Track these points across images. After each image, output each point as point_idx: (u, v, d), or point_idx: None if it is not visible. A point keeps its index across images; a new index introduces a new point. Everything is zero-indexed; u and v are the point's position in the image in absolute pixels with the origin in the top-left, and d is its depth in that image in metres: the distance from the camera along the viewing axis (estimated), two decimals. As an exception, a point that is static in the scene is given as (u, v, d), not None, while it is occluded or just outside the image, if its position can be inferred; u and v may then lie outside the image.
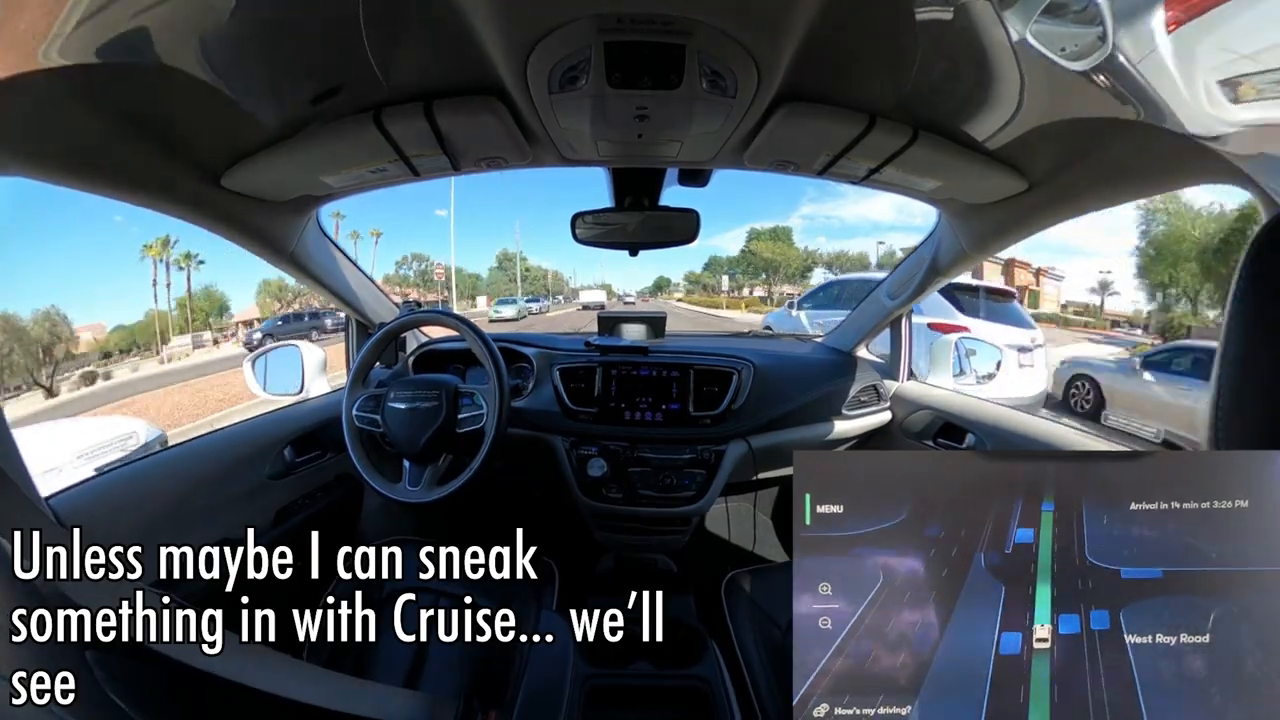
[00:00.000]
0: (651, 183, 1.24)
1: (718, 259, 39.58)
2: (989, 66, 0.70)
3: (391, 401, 1.24)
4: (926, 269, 1.40)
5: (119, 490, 0.97)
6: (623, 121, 0.89)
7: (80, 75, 0.62)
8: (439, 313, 1.40)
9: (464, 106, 0.87)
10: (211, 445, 1.22)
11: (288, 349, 1.61)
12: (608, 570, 1.69)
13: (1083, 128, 0.77)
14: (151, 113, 0.76)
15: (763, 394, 1.51)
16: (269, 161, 0.94)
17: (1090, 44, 0.58)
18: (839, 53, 0.74)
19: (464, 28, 0.67)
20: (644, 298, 43.04)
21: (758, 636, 1.13)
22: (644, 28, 0.66)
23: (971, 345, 1.66)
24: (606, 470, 1.44)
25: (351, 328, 1.69)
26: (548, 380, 1.53)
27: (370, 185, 1.16)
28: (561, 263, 46.98)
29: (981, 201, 1.11)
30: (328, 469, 1.47)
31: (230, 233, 1.09)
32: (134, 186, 0.87)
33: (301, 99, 0.82)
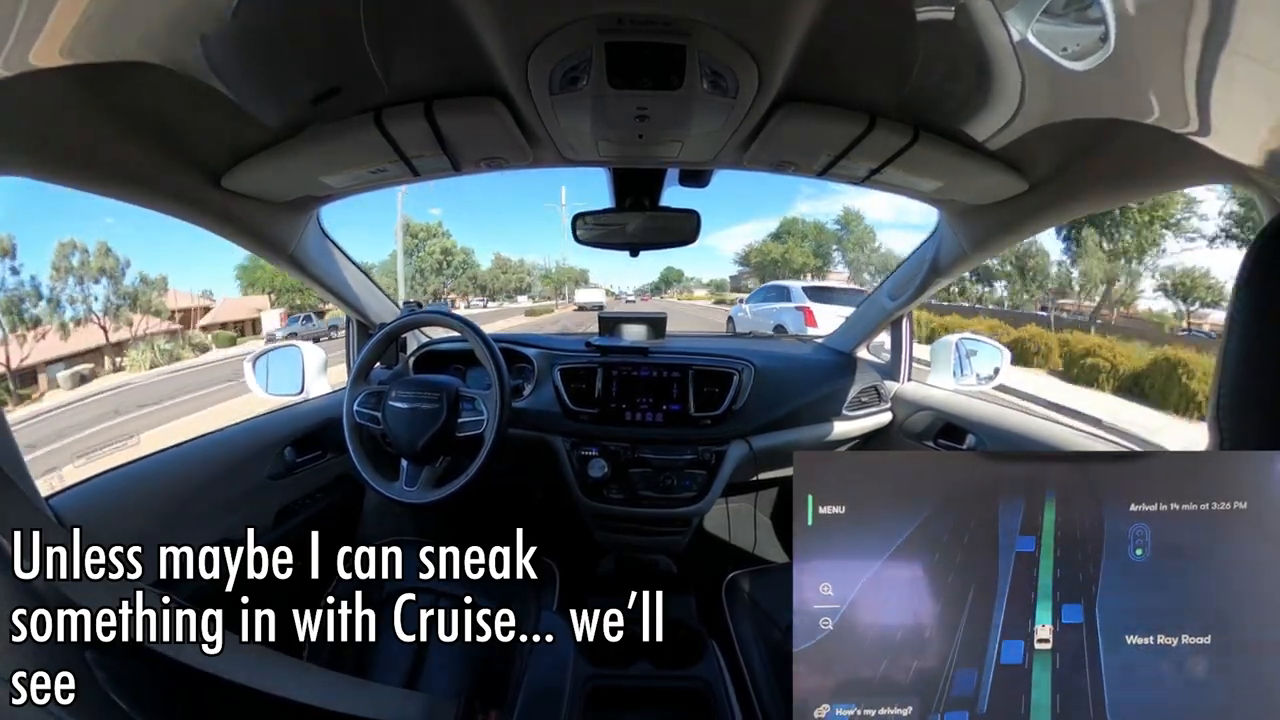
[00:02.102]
0: (652, 183, 1.24)
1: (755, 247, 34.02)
2: (990, 67, 0.70)
3: (392, 400, 1.24)
4: (927, 269, 1.40)
5: (119, 490, 0.97)
6: (623, 122, 0.89)
7: (80, 75, 0.62)
8: (440, 313, 1.40)
9: (465, 107, 0.87)
10: (212, 445, 1.22)
11: (288, 349, 1.61)
12: (608, 571, 1.69)
13: (1083, 128, 0.77)
14: (151, 113, 0.76)
15: (763, 395, 1.51)
16: (269, 162, 0.94)
17: (1091, 44, 0.58)
18: (840, 53, 0.74)
19: (465, 29, 0.67)
20: (644, 296, 41.22)
21: (758, 637, 1.13)
22: (645, 28, 0.66)
23: (972, 346, 1.66)
24: (607, 471, 1.44)
25: (352, 328, 1.69)
26: (548, 381, 1.53)
27: (370, 185, 1.16)
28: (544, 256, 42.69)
29: (982, 202, 1.11)
30: (328, 469, 1.47)
31: (230, 233, 1.09)
32: (134, 186, 0.87)
33: (302, 99, 0.82)
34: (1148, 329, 14.57)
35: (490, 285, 31.71)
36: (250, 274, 23.00)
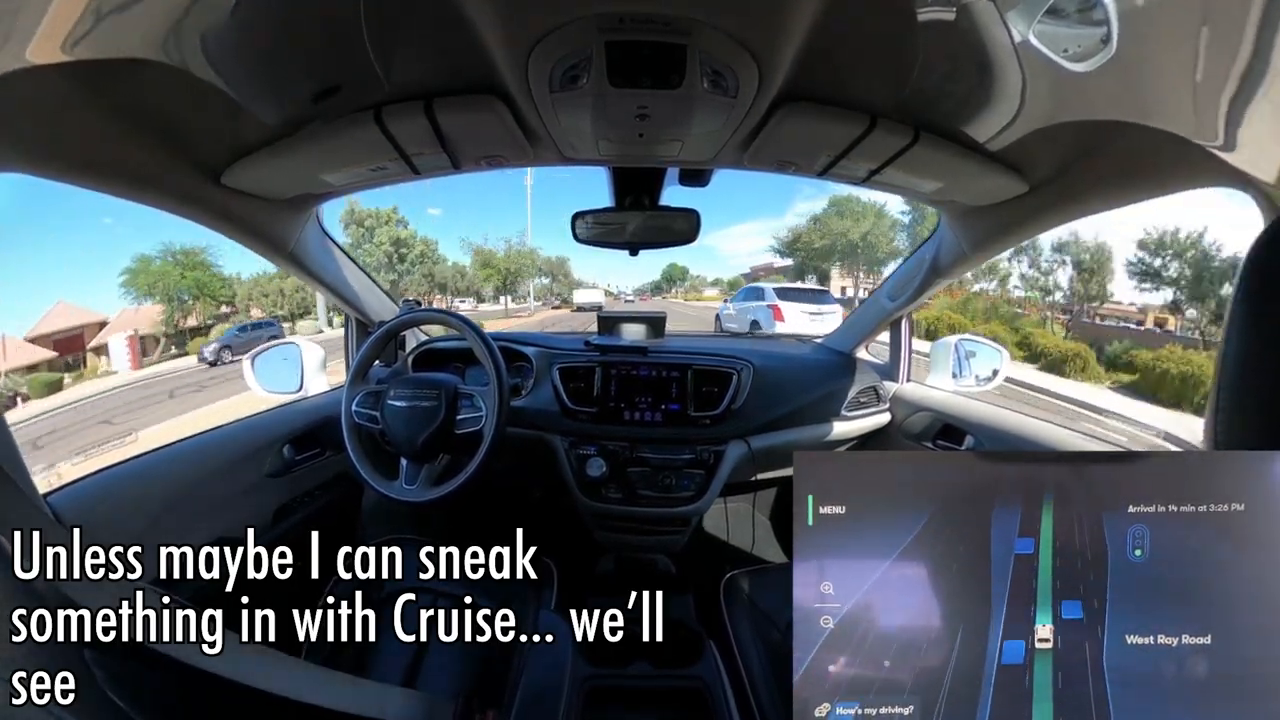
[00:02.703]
0: (652, 182, 1.24)
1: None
2: (991, 68, 0.70)
3: (391, 399, 1.24)
4: (927, 270, 1.40)
5: (119, 489, 0.97)
6: (623, 121, 0.89)
7: (80, 74, 0.62)
8: (440, 312, 1.40)
9: (465, 105, 0.87)
10: (210, 443, 1.22)
11: (287, 347, 1.60)
12: (607, 570, 1.69)
13: (1084, 130, 0.77)
14: (152, 111, 0.75)
15: (762, 394, 1.51)
16: (269, 160, 0.94)
17: (1092, 46, 0.58)
18: (840, 53, 0.74)
19: (465, 27, 0.67)
20: (643, 296, 40.88)
21: (757, 637, 1.14)
22: (645, 27, 0.66)
23: (971, 347, 1.66)
24: (606, 470, 1.44)
25: (351, 326, 1.68)
26: (547, 380, 1.53)
27: (370, 183, 1.16)
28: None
29: (982, 203, 1.11)
30: (327, 467, 1.46)
31: (230, 230, 1.09)
32: (134, 184, 0.86)
33: (302, 97, 0.82)
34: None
35: (454, 284, 27.14)
36: (146, 279, 17.48)
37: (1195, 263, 15.17)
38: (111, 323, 16.90)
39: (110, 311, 17.44)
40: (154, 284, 17.63)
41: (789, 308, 9.90)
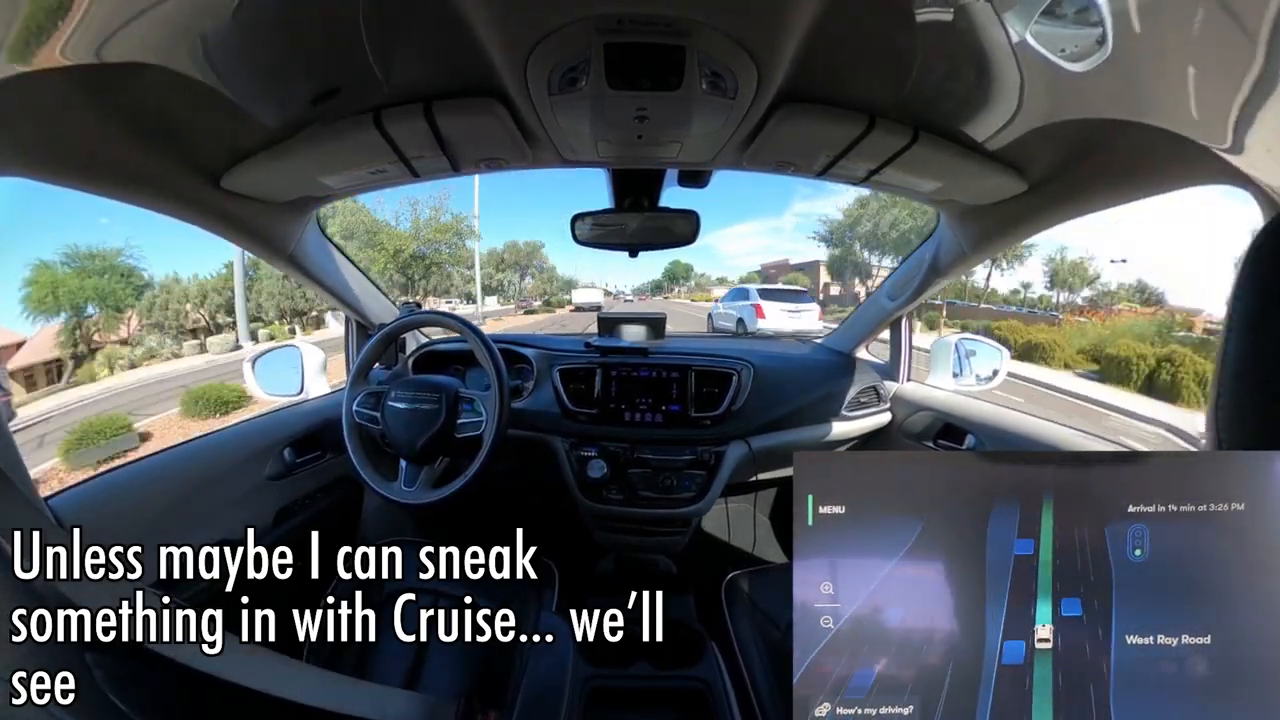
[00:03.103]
0: (651, 184, 1.24)
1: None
2: (989, 67, 0.70)
3: (392, 400, 1.24)
4: (927, 270, 1.40)
5: (119, 490, 0.97)
6: (622, 122, 0.89)
7: (80, 75, 0.62)
8: (440, 314, 1.41)
9: (464, 108, 0.87)
10: (211, 446, 1.22)
11: (288, 349, 1.61)
12: (608, 571, 1.69)
13: (1082, 129, 0.77)
14: (151, 113, 0.76)
15: (762, 395, 1.51)
16: (269, 162, 0.94)
17: (1089, 45, 0.58)
18: (839, 53, 0.74)
19: (464, 29, 0.67)
20: (642, 296, 39.96)
21: (757, 637, 1.13)
22: (644, 29, 0.66)
23: (972, 346, 1.66)
24: (606, 471, 1.44)
25: (351, 329, 1.69)
26: (548, 381, 1.53)
27: (370, 186, 1.16)
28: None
29: (981, 203, 1.11)
30: (328, 470, 1.46)
31: (230, 233, 1.10)
32: (133, 187, 0.87)
33: (301, 100, 0.82)
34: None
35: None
36: (38, 290, 13.45)
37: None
38: (29, 343, 13.66)
39: (29, 330, 13.77)
40: (44, 296, 13.67)
41: (770, 306, 11.29)
